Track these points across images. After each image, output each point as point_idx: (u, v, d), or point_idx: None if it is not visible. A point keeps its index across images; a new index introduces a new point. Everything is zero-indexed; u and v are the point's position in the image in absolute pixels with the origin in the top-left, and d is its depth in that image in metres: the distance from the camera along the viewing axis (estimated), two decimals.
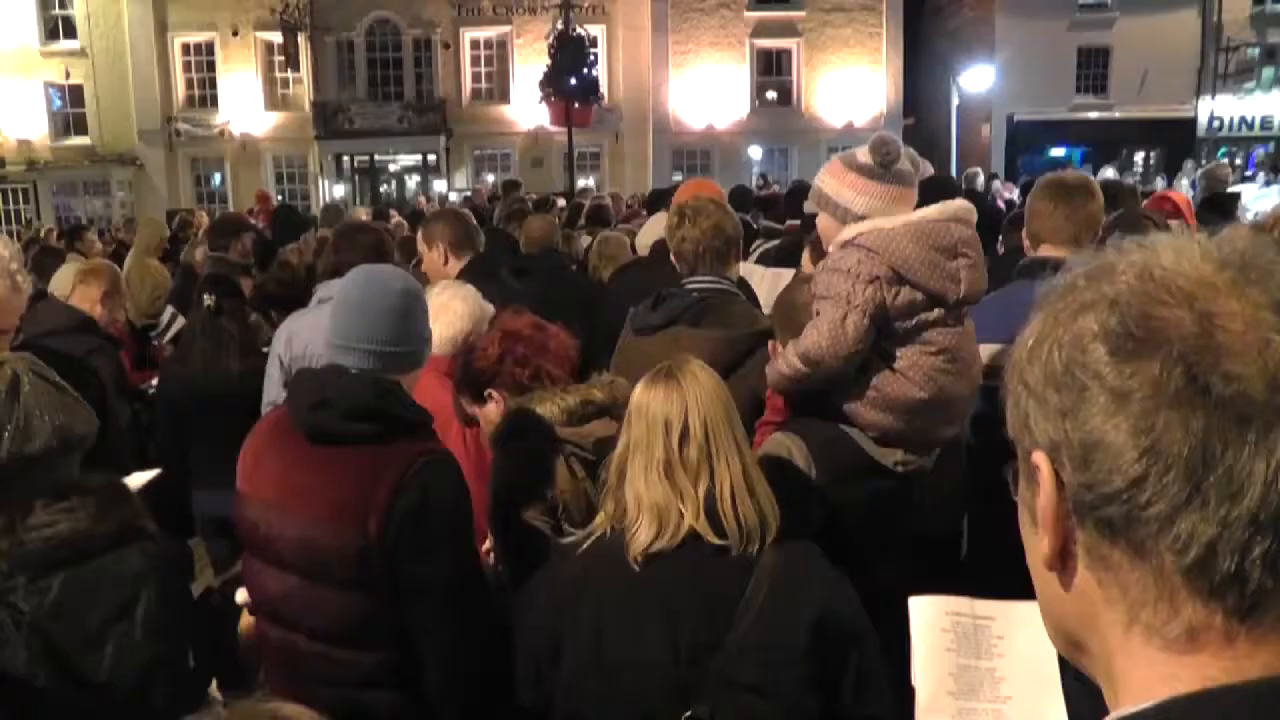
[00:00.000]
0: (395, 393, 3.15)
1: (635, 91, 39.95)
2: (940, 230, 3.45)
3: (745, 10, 40.22)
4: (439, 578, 3.04)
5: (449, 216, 6.48)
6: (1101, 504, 0.93)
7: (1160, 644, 0.94)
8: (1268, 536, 0.88)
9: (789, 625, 2.64)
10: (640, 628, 2.68)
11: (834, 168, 3.67)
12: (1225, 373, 0.88)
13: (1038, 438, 0.99)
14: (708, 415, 2.70)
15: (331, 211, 13.21)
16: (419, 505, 2.99)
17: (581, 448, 3.38)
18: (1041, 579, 1.05)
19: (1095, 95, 40.92)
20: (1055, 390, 0.96)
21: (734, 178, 31.40)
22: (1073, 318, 0.97)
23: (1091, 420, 0.93)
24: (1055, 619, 1.07)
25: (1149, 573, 0.93)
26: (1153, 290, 0.93)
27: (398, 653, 3.10)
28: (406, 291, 3.25)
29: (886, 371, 3.44)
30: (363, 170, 41.56)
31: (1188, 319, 0.90)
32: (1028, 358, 1.00)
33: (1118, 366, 0.92)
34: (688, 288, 4.36)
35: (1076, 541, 0.98)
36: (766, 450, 3.43)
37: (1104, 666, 1.00)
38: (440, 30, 39.94)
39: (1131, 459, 0.90)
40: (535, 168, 38.54)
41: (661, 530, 2.66)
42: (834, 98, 40.58)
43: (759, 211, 10.49)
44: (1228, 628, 0.91)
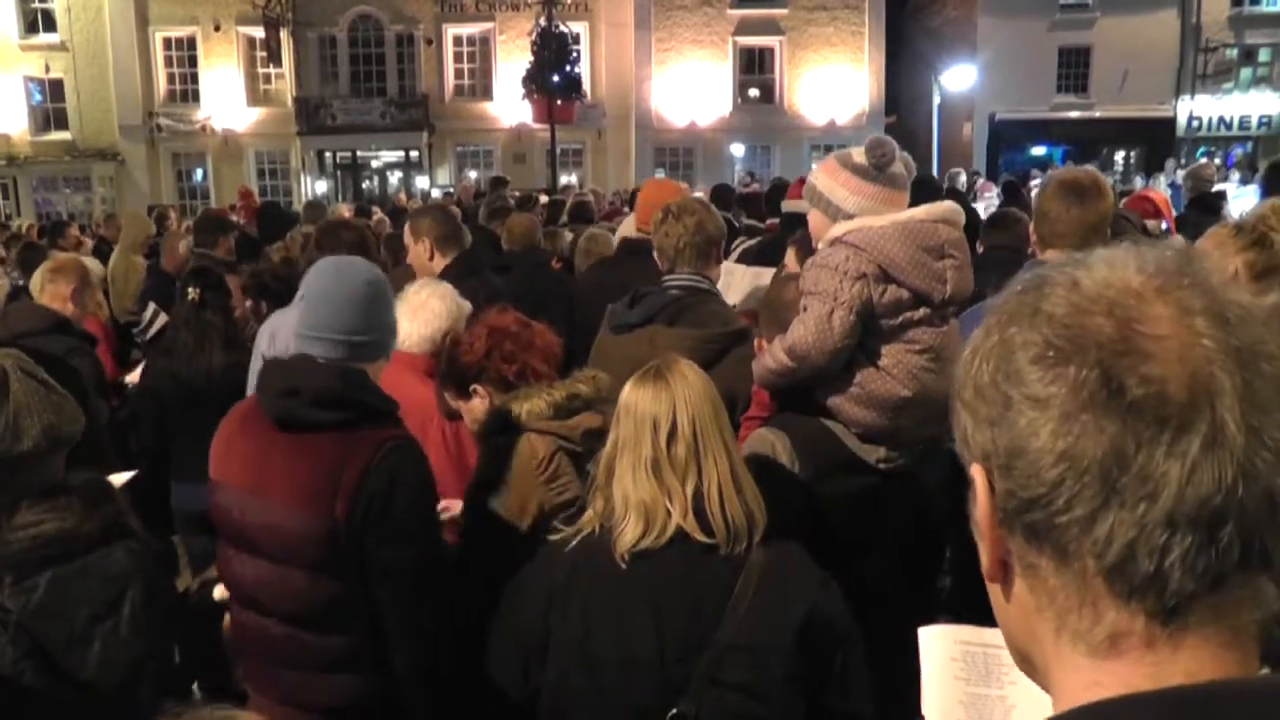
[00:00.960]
0: (362, 381, 3.24)
1: (618, 88, 39.93)
2: (928, 231, 3.47)
3: (728, 8, 40.21)
4: (404, 561, 3.12)
5: (436, 212, 6.47)
6: (1025, 509, 0.95)
7: (1085, 650, 0.95)
8: (1186, 537, 0.88)
9: (776, 625, 2.66)
10: (627, 625, 2.69)
11: (829, 165, 3.68)
12: (1143, 375, 0.89)
13: (973, 450, 1.00)
14: (696, 414, 2.71)
15: (314, 208, 13.16)
16: (385, 490, 3.07)
17: (570, 440, 3.44)
18: (991, 592, 1.06)
19: (1076, 95, 41.15)
20: (984, 401, 0.98)
21: (716, 175, 31.49)
22: (1002, 330, 0.98)
23: (1015, 428, 0.94)
24: (1006, 633, 1.08)
25: (1072, 578, 0.94)
26: (1077, 300, 0.94)
27: (367, 636, 3.18)
28: (371, 282, 3.34)
29: (871, 368, 3.46)
30: (345, 166, 41.44)
31: (1108, 325, 0.91)
32: (963, 372, 1.02)
33: (1039, 374, 0.93)
34: (666, 286, 4.39)
35: (1010, 553, 0.99)
36: (751, 445, 3.45)
37: (1044, 678, 1.02)
38: (423, 26, 39.84)
39: (1049, 463, 0.92)
40: (518, 164, 38.45)
41: (648, 529, 2.68)
42: (816, 96, 40.64)
43: (741, 210, 10.50)
44: (1149, 632, 0.92)
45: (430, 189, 34.61)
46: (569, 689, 2.77)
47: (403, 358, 4.23)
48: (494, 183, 14.96)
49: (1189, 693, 0.88)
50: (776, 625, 2.65)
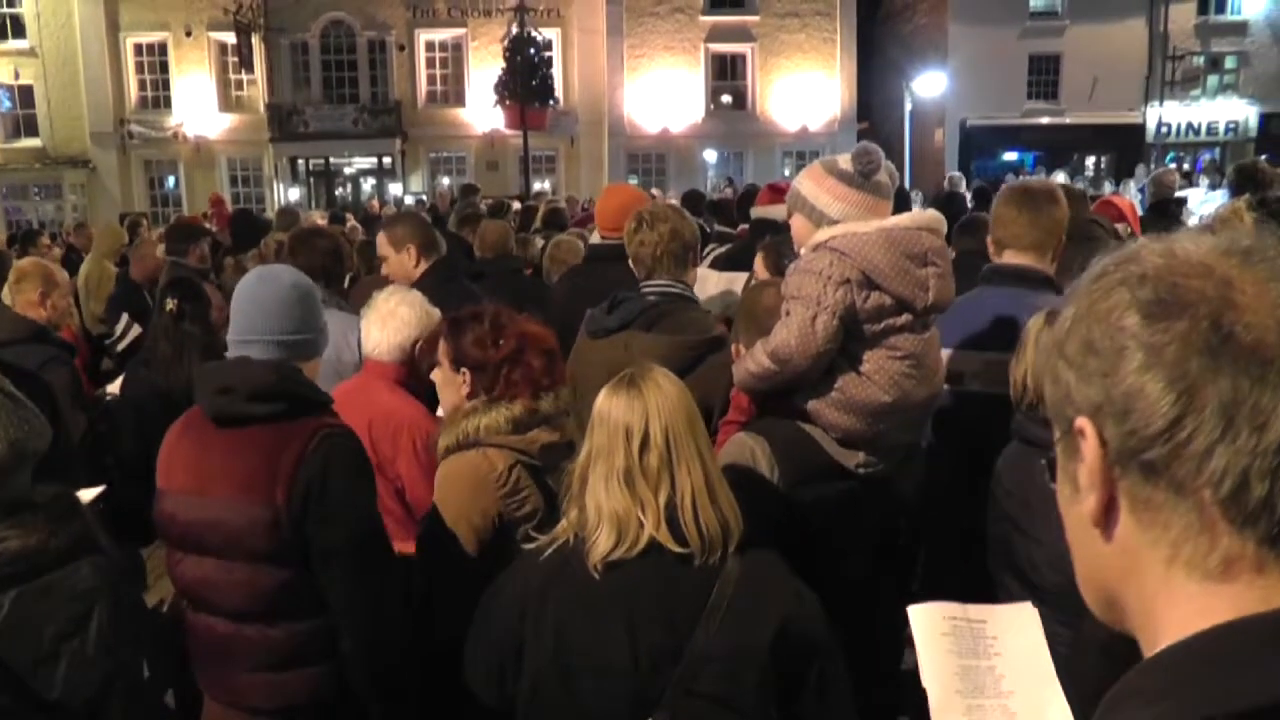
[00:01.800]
0: (295, 375, 3.40)
1: (590, 95, 39.94)
2: (912, 238, 3.49)
3: (700, 15, 40.28)
4: (343, 542, 3.24)
5: (415, 220, 6.45)
6: (1144, 447, 1.02)
7: (1199, 576, 1.02)
8: None
9: (751, 635, 2.65)
10: (601, 635, 2.69)
11: (814, 172, 3.70)
12: (1247, 324, 0.99)
13: (1080, 404, 1.08)
14: (669, 423, 2.71)
15: (286, 215, 13.12)
16: (322, 473, 3.21)
17: (528, 454, 3.48)
18: (1082, 542, 1.14)
19: (1047, 101, 41.55)
20: (1095, 356, 1.06)
21: (689, 181, 31.53)
22: (1106, 295, 1.07)
23: (1130, 376, 1.02)
24: (1096, 578, 1.15)
25: (1190, 508, 1.01)
26: (1176, 265, 1.04)
27: (317, 627, 3.30)
28: (296, 284, 3.53)
29: (852, 374, 3.48)
30: (318, 173, 41.29)
31: (1209, 286, 1.01)
32: (1067, 335, 1.11)
33: (1150, 326, 1.02)
34: (643, 292, 4.40)
35: (1120, 492, 1.06)
36: (729, 450, 3.47)
37: (1142, 616, 1.09)
38: (395, 32, 39.78)
39: (1169, 402, 1.00)
40: (491, 171, 38.44)
41: (621, 539, 2.67)
42: (788, 102, 40.75)
43: (712, 216, 10.52)
44: (1259, 556, 1.00)
45: (403, 196, 34.56)
46: (543, 698, 2.77)
47: (373, 366, 4.29)
48: (464, 190, 14.94)
49: None
50: (751, 636, 2.65)
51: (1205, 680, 0.97)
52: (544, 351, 3.66)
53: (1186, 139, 41.63)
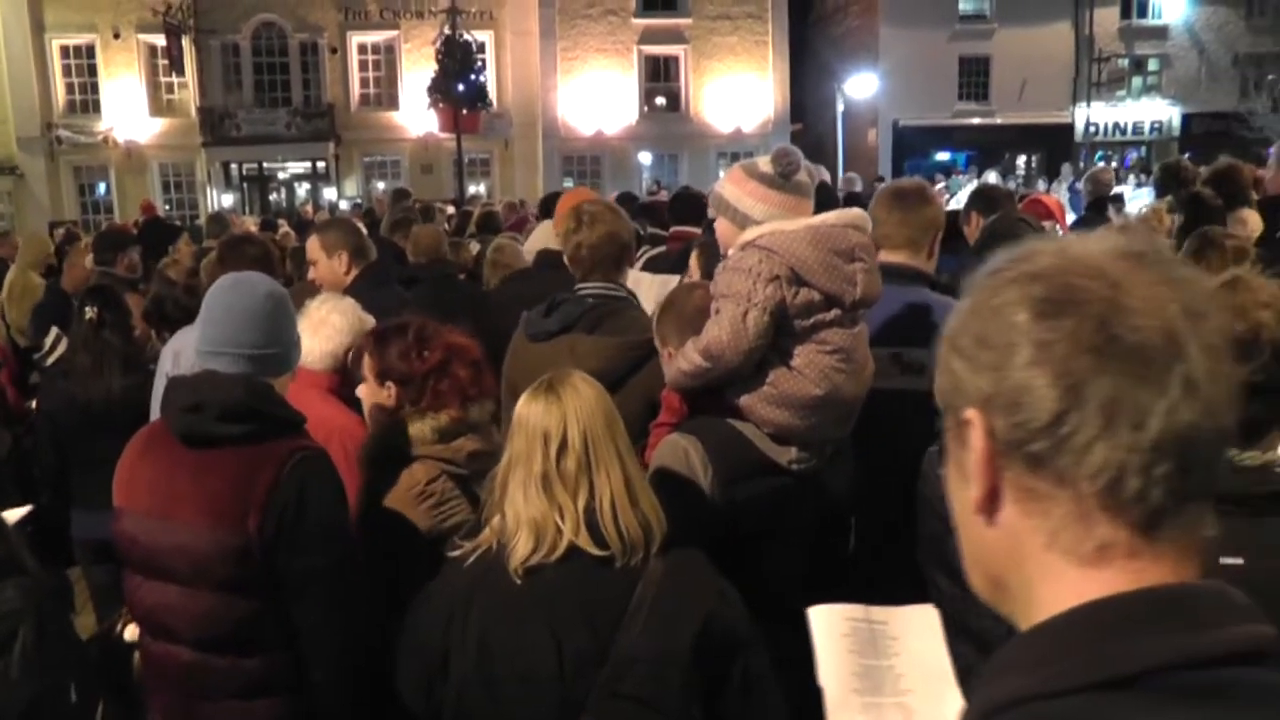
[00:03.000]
0: (268, 393, 3.25)
1: (524, 97, 39.88)
2: (838, 235, 3.53)
3: (632, 17, 40.38)
4: (318, 572, 3.11)
5: (347, 225, 6.40)
6: (1029, 439, 1.08)
7: (1076, 561, 1.09)
8: (1167, 461, 1.04)
9: (674, 635, 2.66)
10: (525, 640, 2.69)
11: (735, 175, 3.72)
12: (1132, 325, 1.04)
13: (970, 396, 1.13)
14: (587, 427, 2.72)
15: (217, 222, 12.97)
16: (296, 500, 3.07)
17: (454, 463, 3.50)
18: (969, 528, 1.19)
19: (977, 102, 42.28)
20: (986, 350, 1.11)
21: (624, 183, 31.55)
22: (999, 291, 1.12)
23: (1018, 370, 1.08)
24: (981, 562, 1.20)
25: (1070, 498, 1.08)
26: (1069, 265, 1.09)
27: (284, 658, 3.15)
28: (271, 295, 3.36)
29: (783, 369, 3.50)
30: (251, 178, 40.86)
31: (1099, 286, 1.06)
32: (960, 328, 1.15)
33: (1040, 324, 1.07)
34: (581, 294, 4.41)
35: (1005, 481, 1.12)
36: (662, 452, 3.49)
37: (1023, 598, 1.14)
38: (327, 34, 39.49)
39: (1054, 397, 1.05)
40: (425, 174, 38.27)
41: (539, 544, 2.69)
42: (722, 104, 40.95)
43: (644, 219, 10.49)
44: (1132, 543, 1.07)
45: (338, 200, 34.22)
46: (468, 706, 2.76)
47: (304, 375, 4.19)
48: (396, 194, 14.83)
49: (1162, 591, 1.05)
50: (674, 636, 2.66)
51: (1075, 651, 1.03)
52: (471, 362, 3.65)
53: (1114, 138, 42.61)
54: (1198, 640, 1.01)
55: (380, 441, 3.60)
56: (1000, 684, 1.08)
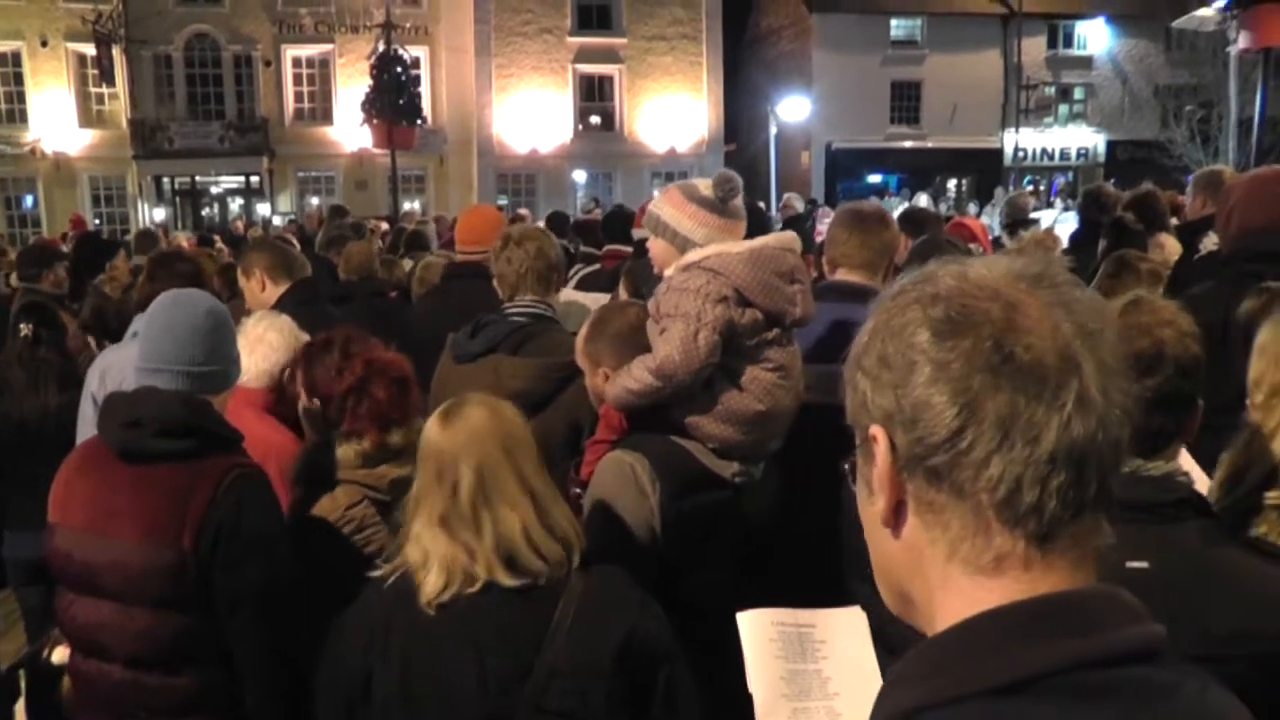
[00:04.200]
0: (206, 409, 3.24)
1: (459, 114, 39.80)
2: (778, 258, 3.60)
3: (567, 35, 40.43)
4: (253, 590, 3.10)
5: (263, 245, 6.40)
6: (929, 454, 1.12)
7: (973, 571, 1.14)
8: (1062, 473, 1.09)
9: (596, 649, 2.67)
10: (447, 658, 2.68)
11: (674, 198, 3.77)
12: (1026, 345, 1.09)
13: (874, 413, 1.18)
14: (481, 462, 2.70)
15: (146, 238, 12.79)
16: (232, 517, 3.07)
17: (376, 489, 3.49)
18: (876, 540, 1.24)
19: (909, 126, 42.94)
20: (888, 369, 1.16)
21: (559, 202, 31.58)
22: (902, 312, 1.16)
23: (918, 388, 1.12)
24: (887, 574, 1.25)
25: (968, 510, 1.12)
26: (968, 288, 1.14)
27: (217, 674, 3.14)
28: (212, 312, 3.36)
29: (729, 386, 3.56)
30: (184, 192, 40.30)
31: (995, 308, 1.11)
32: (865, 348, 1.20)
33: (939, 344, 1.12)
34: (507, 314, 4.43)
35: (908, 494, 1.16)
36: (606, 469, 3.49)
37: (927, 609, 1.19)
38: (261, 47, 39.16)
39: (952, 414, 1.10)
40: (360, 190, 38.02)
41: (450, 582, 2.67)
42: (656, 124, 41.14)
43: (578, 237, 10.49)
44: (1028, 554, 1.12)
45: (271, 216, 33.85)
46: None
47: (241, 393, 4.07)
48: (333, 211, 14.72)
49: (1055, 598, 1.10)
50: (596, 650, 2.67)
51: (964, 662, 1.09)
52: (392, 381, 3.58)
53: (1042, 163, 43.46)
54: (1090, 643, 1.06)
55: (306, 462, 3.59)
56: (899, 694, 1.13)
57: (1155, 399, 2.25)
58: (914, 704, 1.10)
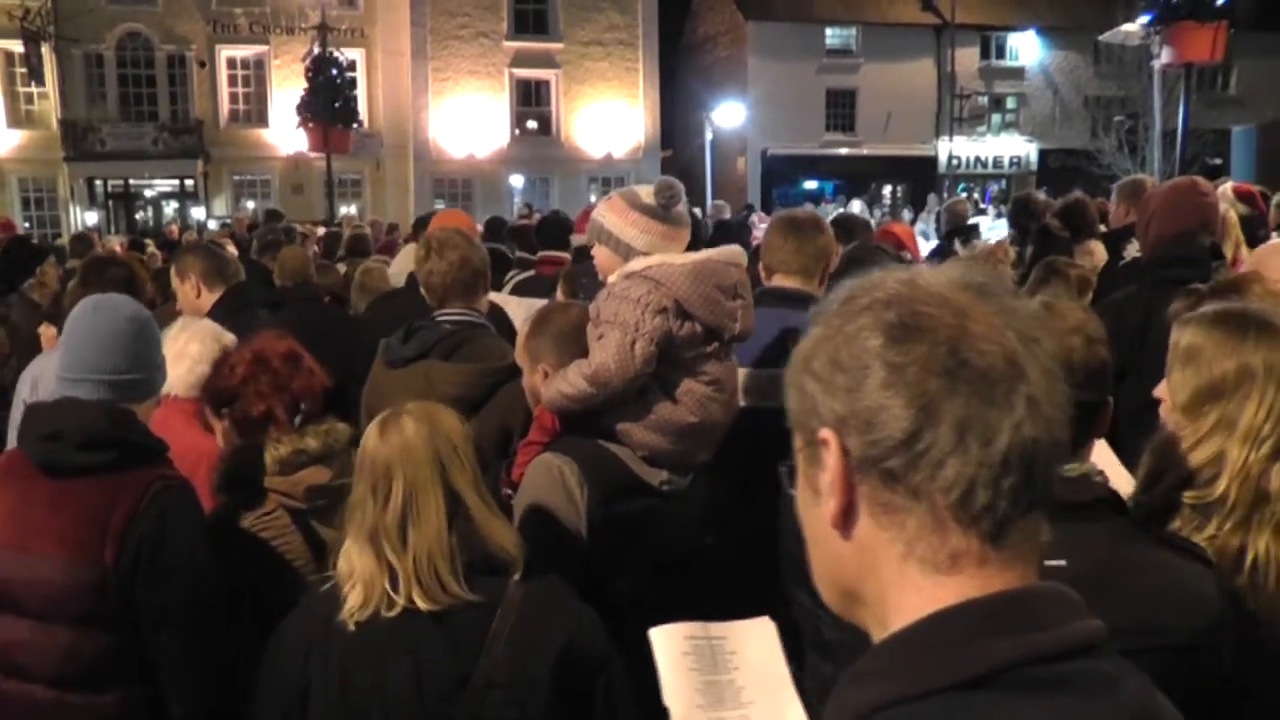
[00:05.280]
0: (129, 420, 3.16)
1: (395, 118, 39.62)
2: (721, 271, 3.62)
3: (504, 40, 40.36)
4: (177, 605, 3.03)
5: (200, 249, 6.34)
6: (885, 457, 1.14)
7: (929, 570, 1.15)
8: (1013, 474, 1.12)
9: (535, 659, 2.68)
10: (384, 668, 2.67)
11: (617, 205, 3.78)
12: (980, 350, 1.12)
13: (824, 416, 1.19)
14: (413, 477, 2.67)
15: (81, 242, 12.63)
16: (156, 531, 2.99)
17: (292, 497, 3.41)
18: (821, 543, 1.25)
19: (844, 133, 43.38)
20: (841, 373, 1.17)
21: (495, 207, 31.48)
22: (853, 317, 1.18)
23: (873, 392, 1.14)
24: (833, 574, 1.26)
25: (924, 510, 1.14)
26: (917, 294, 1.17)
27: (141, 692, 3.08)
28: (134, 318, 3.27)
29: (663, 396, 3.58)
30: (117, 195, 39.65)
31: (947, 315, 1.14)
32: (813, 353, 1.21)
33: (893, 348, 1.14)
34: (438, 320, 4.43)
35: (860, 497, 1.17)
36: (535, 472, 3.50)
37: (878, 607, 1.21)
38: (195, 47, 38.68)
39: (909, 417, 1.12)
40: (296, 194, 37.68)
41: (368, 601, 2.65)
42: (593, 129, 41.20)
43: (513, 242, 10.45)
44: (982, 552, 1.14)
45: (207, 220, 33.40)
46: None
47: (171, 402, 4.11)
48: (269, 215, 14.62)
49: (1009, 595, 1.14)
50: (534, 660, 2.68)
51: (928, 658, 1.11)
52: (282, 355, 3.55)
53: (975, 171, 44.07)
54: (1042, 638, 1.10)
55: (227, 470, 3.51)
56: (861, 691, 1.14)
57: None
58: (882, 700, 1.12)
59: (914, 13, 42.93)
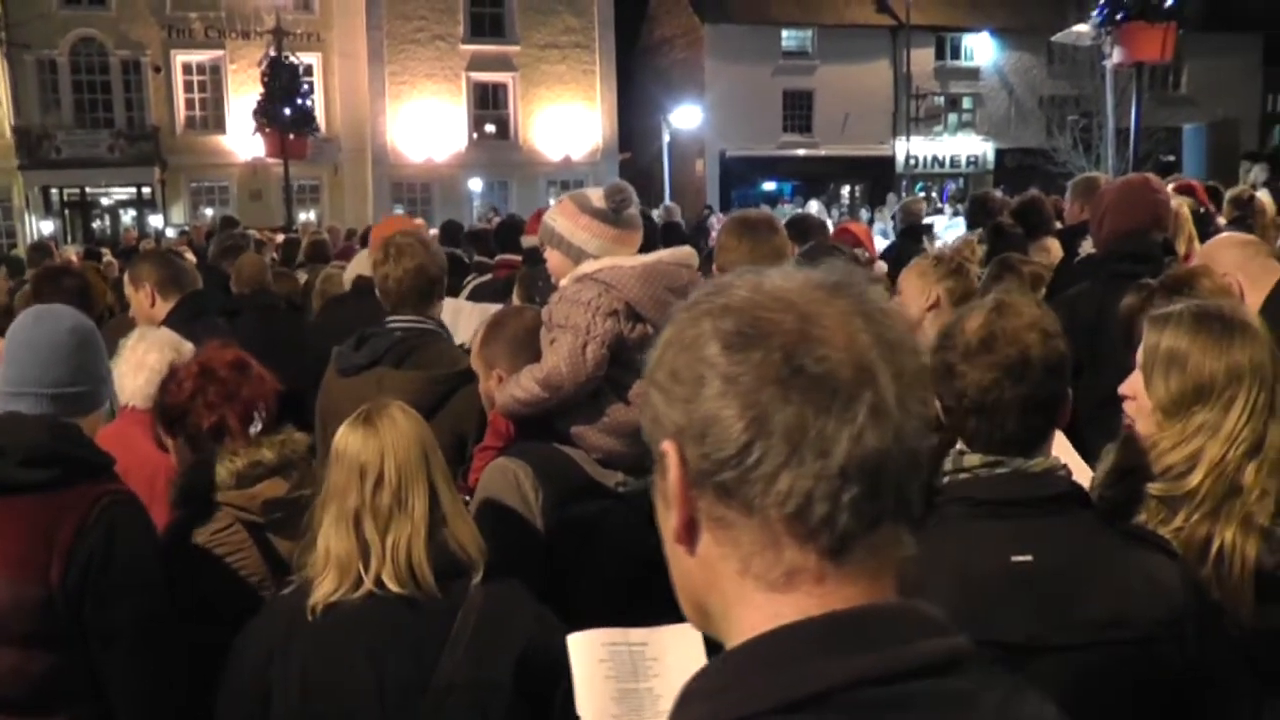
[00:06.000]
0: (74, 435, 3.05)
1: (353, 123, 39.49)
2: (673, 273, 3.63)
3: (460, 43, 40.32)
4: (126, 623, 2.95)
5: (154, 257, 6.32)
6: (717, 470, 1.10)
7: (766, 587, 1.11)
8: (854, 486, 1.07)
9: (495, 663, 2.69)
10: (345, 671, 2.68)
11: (568, 209, 3.77)
12: (818, 357, 1.07)
13: (665, 427, 1.15)
14: (402, 462, 2.71)
15: (40, 252, 12.44)
16: (104, 547, 2.90)
17: (249, 511, 3.37)
18: (674, 555, 1.20)
19: (801, 134, 43.67)
20: (678, 382, 1.13)
21: (454, 211, 31.35)
22: (693, 324, 1.14)
23: (707, 402, 1.09)
24: (685, 589, 1.22)
25: (758, 526, 1.10)
26: (760, 299, 1.12)
27: (90, 712, 3.00)
28: (76, 329, 3.18)
29: (616, 398, 3.58)
30: (73, 204, 39.31)
31: (789, 319, 1.09)
32: (656, 362, 1.17)
33: (729, 356, 1.09)
34: (390, 326, 4.42)
35: (699, 511, 1.13)
36: (490, 476, 3.49)
37: (723, 625, 1.17)
38: (150, 52, 38.43)
39: (740, 429, 1.07)
40: (255, 201, 37.46)
41: (342, 583, 2.67)
42: (551, 132, 41.20)
43: (471, 246, 10.42)
44: (820, 568, 1.10)
45: (165, 228, 33.15)
46: None
47: (129, 414, 4.11)
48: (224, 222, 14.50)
49: (845, 614, 1.08)
50: (494, 664, 2.69)
51: (754, 678, 1.07)
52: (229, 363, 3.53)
53: (933, 170, 44.47)
54: (878, 658, 1.05)
55: (183, 484, 3.46)
56: (689, 710, 1.10)
57: (1029, 404, 2.33)
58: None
59: (869, 14, 43.32)
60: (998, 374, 2.32)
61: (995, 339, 2.34)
